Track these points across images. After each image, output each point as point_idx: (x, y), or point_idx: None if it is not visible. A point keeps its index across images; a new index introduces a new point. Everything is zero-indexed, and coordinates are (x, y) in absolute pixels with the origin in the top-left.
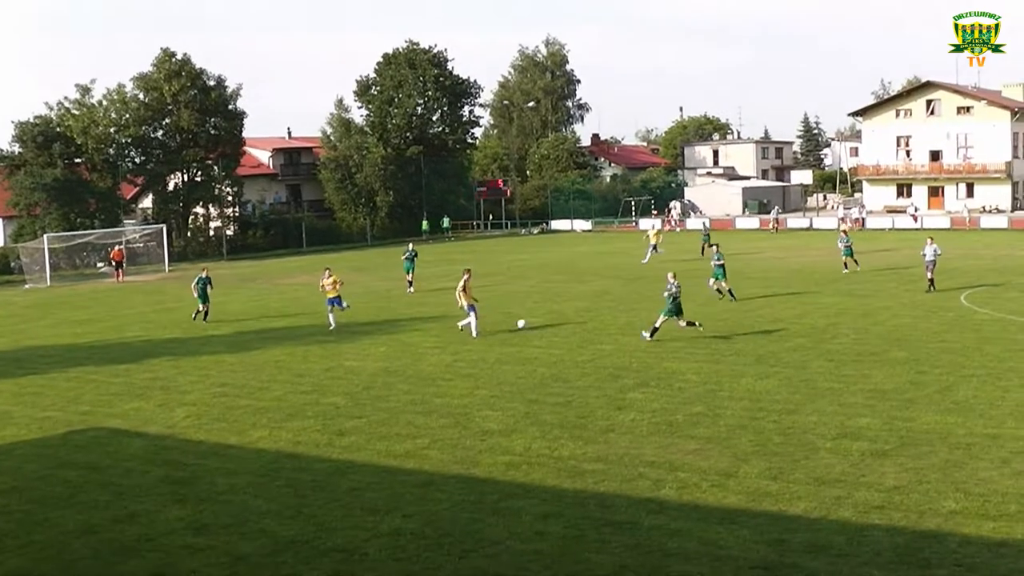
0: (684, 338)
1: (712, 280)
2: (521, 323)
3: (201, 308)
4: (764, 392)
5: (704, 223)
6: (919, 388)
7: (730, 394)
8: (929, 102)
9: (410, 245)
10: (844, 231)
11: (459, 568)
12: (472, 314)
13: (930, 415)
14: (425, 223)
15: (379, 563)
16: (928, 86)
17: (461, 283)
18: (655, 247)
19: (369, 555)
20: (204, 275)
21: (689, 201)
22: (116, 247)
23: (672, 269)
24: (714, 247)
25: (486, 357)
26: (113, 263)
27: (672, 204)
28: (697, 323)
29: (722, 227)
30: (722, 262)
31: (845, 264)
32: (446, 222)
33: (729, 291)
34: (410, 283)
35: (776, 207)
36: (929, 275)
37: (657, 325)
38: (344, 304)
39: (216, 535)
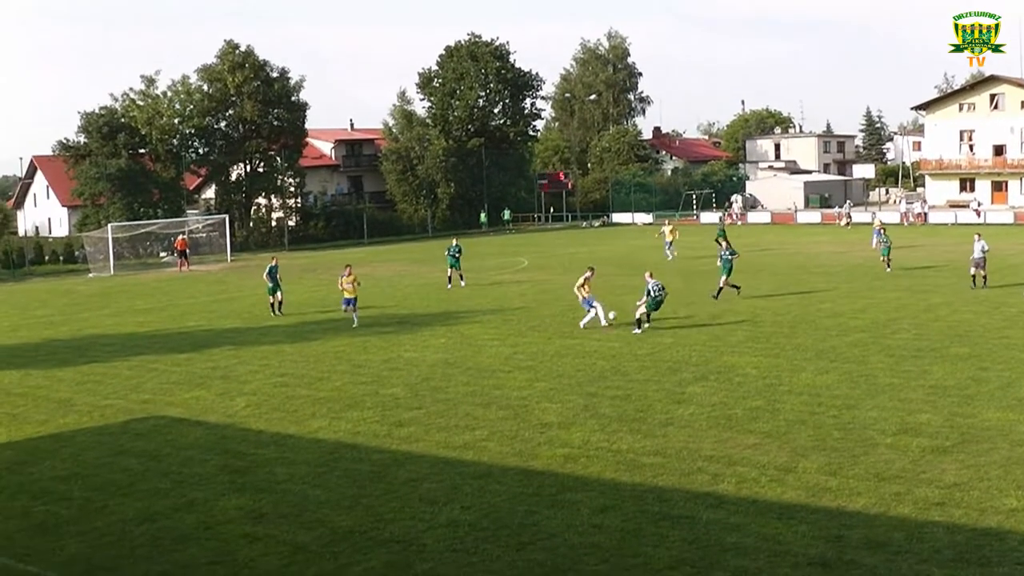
0: (743, 331)
1: (724, 276)
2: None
3: (271, 299)
4: (823, 387)
5: (721, 216)
6: (980, 384)
7: (789, 389)
8: (993, 96)
9: (454, 241)
10: (882, 227)
11: (516, 560)
12: (591, 308)
13: (991, 411)
14: (483, 215)
15: (436, 554)
16: (992, 80)
17: (581, 280)
18: (670, 244)
19: (426, 546)
20: (274, 263)
21: (751, 195)
22: (180, 237)
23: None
24: (723, 243)
25: (545, 350)
26: (176, 252)
27: (733, 198)
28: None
29: (783, 221)
30: (729, 258)
31: (887, 263)
32: (507, 214)
33: (719, 288)
34: (450, 279)
35: (848, 201)
36: (981, 271)
37: (638, 316)
38: (355, 310)
39: (274, 524)
